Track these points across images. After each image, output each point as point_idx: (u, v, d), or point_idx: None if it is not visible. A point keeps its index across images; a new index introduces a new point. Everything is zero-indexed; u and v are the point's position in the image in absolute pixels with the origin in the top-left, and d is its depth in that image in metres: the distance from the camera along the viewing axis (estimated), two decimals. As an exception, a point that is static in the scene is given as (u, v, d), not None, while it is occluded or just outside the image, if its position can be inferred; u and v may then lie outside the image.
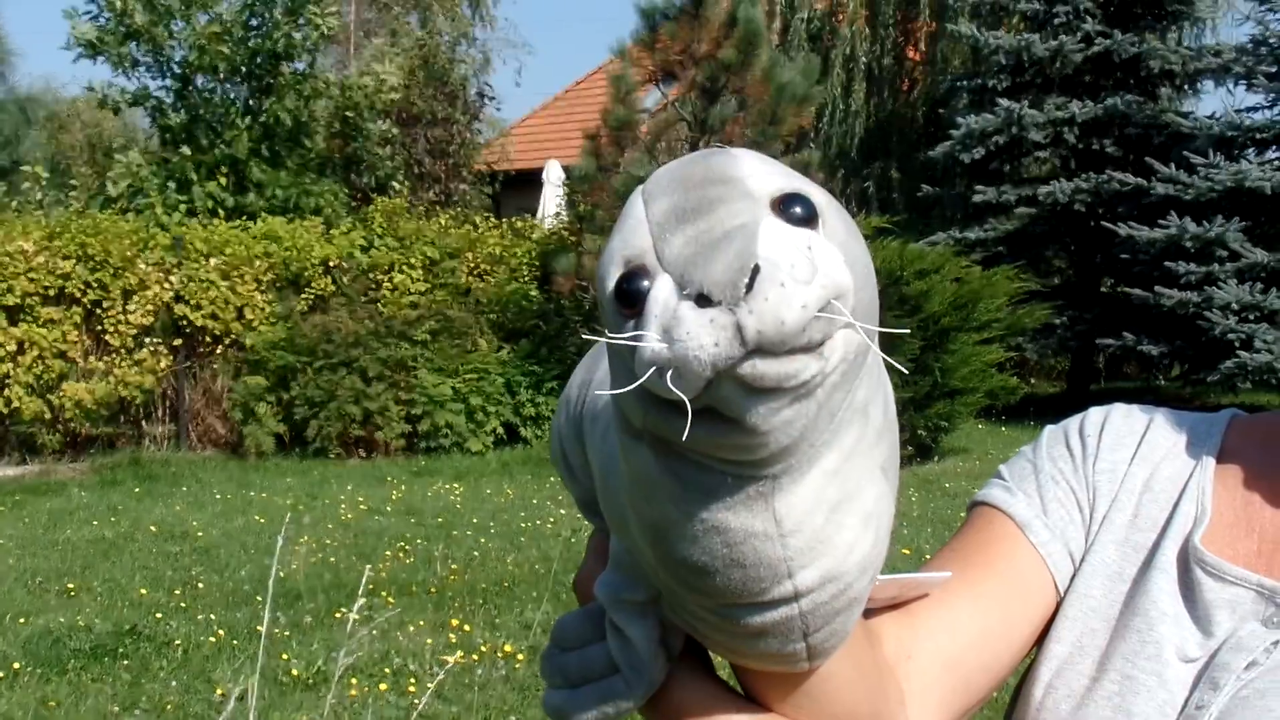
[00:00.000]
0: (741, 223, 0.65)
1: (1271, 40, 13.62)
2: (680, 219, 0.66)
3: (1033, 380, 17.48)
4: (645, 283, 0.65)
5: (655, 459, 0.70)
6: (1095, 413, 1.14)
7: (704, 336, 0.62)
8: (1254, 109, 14.44)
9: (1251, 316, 12.70)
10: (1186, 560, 1.02)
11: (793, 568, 0.72)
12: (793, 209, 0.66)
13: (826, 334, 0.64)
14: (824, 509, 0.72)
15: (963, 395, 11.56)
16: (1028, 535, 1.06)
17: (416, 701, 5.05)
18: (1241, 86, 14.22)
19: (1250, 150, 14.00)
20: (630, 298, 0.66)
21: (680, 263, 0.65)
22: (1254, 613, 0.98)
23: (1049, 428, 1.16)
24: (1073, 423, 1.14)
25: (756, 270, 0.62)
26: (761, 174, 0.68)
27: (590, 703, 0.83)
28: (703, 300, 0.63)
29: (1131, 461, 1.09)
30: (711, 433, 0.65)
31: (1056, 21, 15.58)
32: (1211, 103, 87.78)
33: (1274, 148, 13.89)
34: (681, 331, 0.63)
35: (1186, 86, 16.72)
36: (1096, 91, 15.69)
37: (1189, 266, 13.08)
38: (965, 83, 17.16)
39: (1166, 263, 13.25)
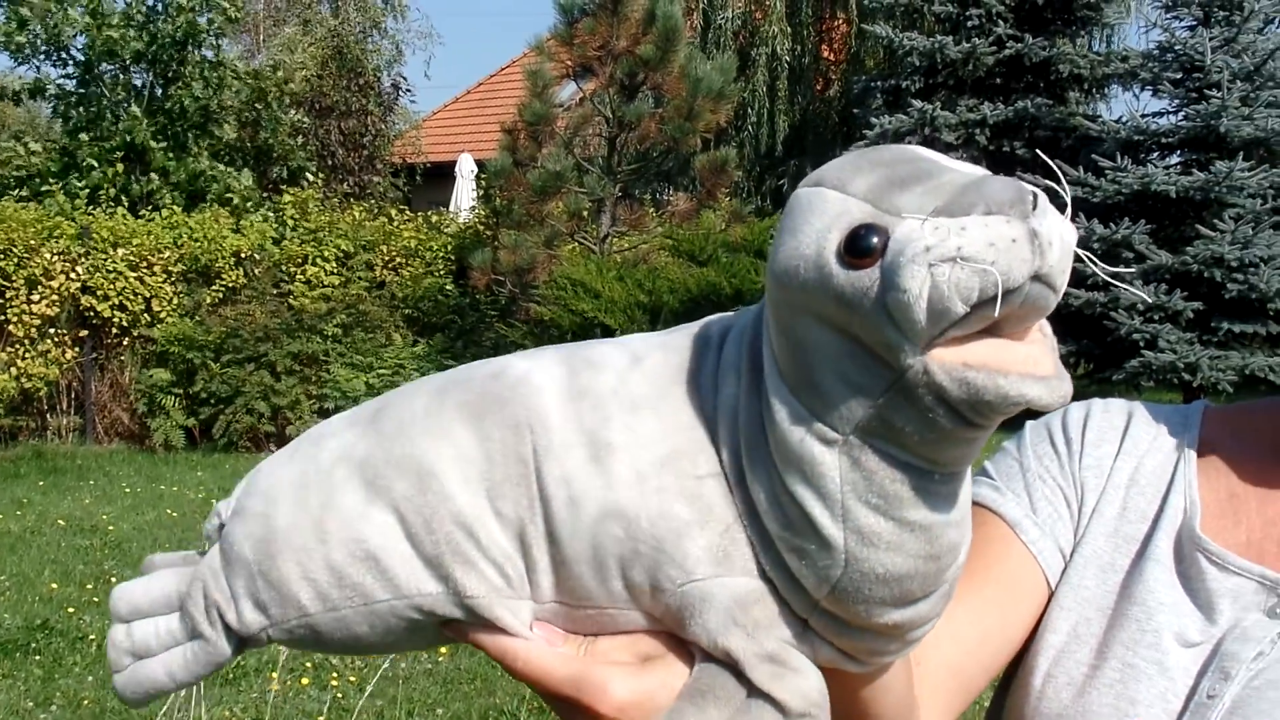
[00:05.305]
0: (982, 174, 0.65)
1: (1177, 47, 13.88)
2: (902, 185, 0.65)
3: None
4: (876, 238, 0.64)
5: (861, 471, 0.69)
6: (1076, 409, 1.17)
7: (1004, 230, 0.62)
8: (1159, 114, 14.68)
9: (1156, 317, 12.94)
10: (1185, 549, 1.04)
11: (961, 549, 0.74)
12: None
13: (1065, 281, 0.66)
14: (969, 488, 0.75)
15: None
16: (1019, 534, 1.09)
17: (340, 695, 5.01)
18: (1148, 92, 14.47)
19: (1155, 154, 14.25)
20: (865, 249, 0.63)
21: (928, 210, 0.64)
22: (1256, 603, 1.00)
23: (1030, 423, 1.18)
24: (1054, 420, 1.16)
25: (1035, 197, 0.63)
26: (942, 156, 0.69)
27: None
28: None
29: (1116, 456, 1.12)
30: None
31: (969, 24, 15.76)
32: (1118, 107, 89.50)
33: (1178, 152, 14.15)
34: (977, 240, 0.62)
35: (1095, 90, 17.01)
36: (1008, 94, 15.90)
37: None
38: (880, 83, 17.31)
39: (1074, 264, 13.45)
